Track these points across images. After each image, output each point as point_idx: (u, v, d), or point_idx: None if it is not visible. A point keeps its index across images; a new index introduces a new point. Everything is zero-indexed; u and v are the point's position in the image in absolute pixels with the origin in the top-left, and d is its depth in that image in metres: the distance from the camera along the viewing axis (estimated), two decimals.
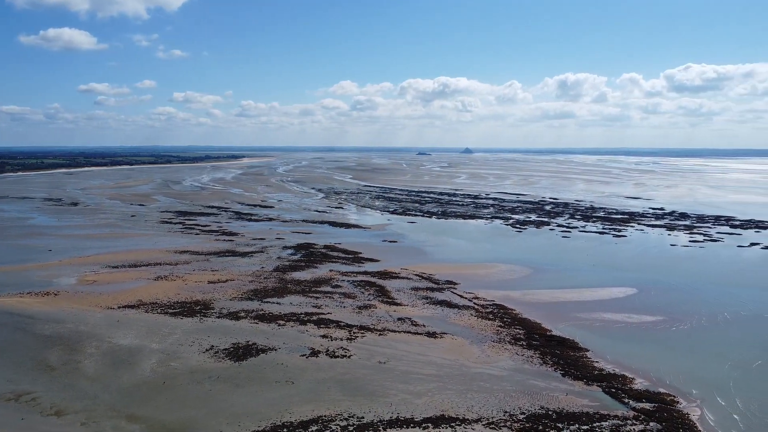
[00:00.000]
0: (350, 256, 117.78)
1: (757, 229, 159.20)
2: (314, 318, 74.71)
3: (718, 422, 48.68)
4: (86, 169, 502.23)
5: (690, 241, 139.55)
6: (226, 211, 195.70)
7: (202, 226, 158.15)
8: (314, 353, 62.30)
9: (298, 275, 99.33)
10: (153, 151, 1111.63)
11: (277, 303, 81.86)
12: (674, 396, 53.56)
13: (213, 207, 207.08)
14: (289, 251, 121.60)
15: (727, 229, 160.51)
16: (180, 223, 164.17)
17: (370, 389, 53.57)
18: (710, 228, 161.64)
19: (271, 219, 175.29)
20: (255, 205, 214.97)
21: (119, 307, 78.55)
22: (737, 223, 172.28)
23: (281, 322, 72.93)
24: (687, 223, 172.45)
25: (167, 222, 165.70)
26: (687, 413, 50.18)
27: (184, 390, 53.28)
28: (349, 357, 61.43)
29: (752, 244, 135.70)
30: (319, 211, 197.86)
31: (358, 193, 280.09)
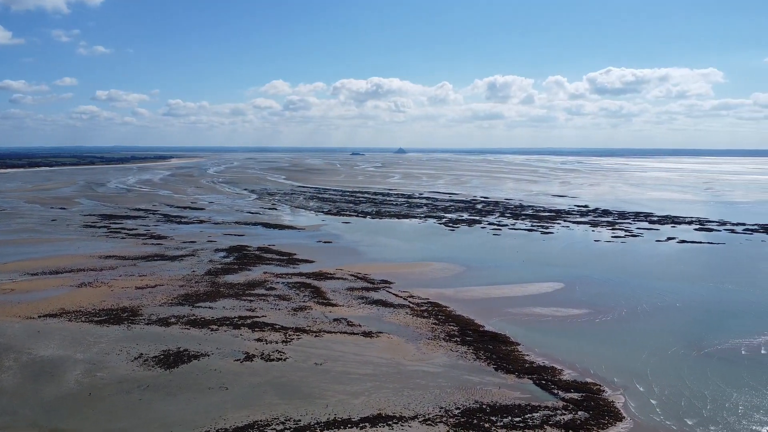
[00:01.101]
0: (285, 257, 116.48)
1: (673, 225, 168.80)
2: (248, 321, 73.41)
3: (638, 408, 51.29)
4: (0, 171, 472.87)
5: (612, 237, 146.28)
6: (154, 213, 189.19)
7: (128, 229, 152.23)
8: (249, 357, 61.24)
9: (230, 278, 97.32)
10: (75, 152, 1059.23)
11: (209, 307, 79.90)
12: (600, 385, 55.99)
13: (140, 210, 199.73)
14: (222, 254, 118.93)
15: (646, 224, 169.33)
16: (105, 227, 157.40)
17: (307, 391, 53.21)
18: (631, 224, 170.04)
19: (202, 221, 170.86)
20: (185, 207, 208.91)
21: (40, 317, 74.48)
22: (655, 219, 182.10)
23: (214, 326, 71.24)
24: (609, 219, 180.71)
25: (91, 226, 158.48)
26: (612, 401, 52.58)
27: (112, 401, 51.16)
28: (284, 360, 60.76)
29: (669, 239, 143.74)
30: (252, 213, 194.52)
31: (291, 193, 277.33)
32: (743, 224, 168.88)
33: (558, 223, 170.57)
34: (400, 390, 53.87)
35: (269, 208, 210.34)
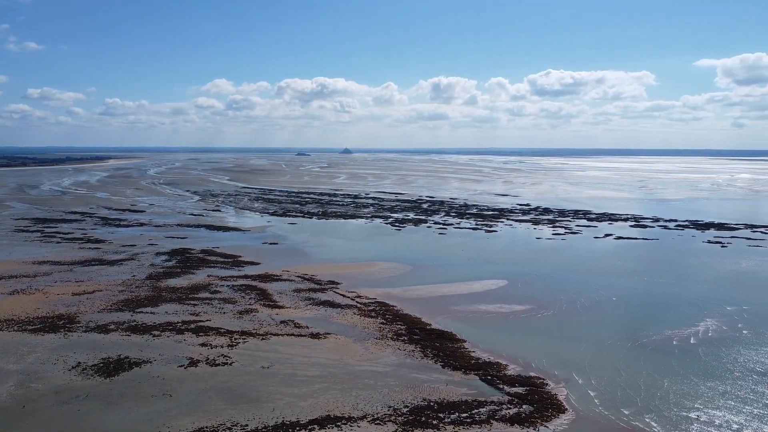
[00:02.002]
0: (229, 259, 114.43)
1: (610, 222, 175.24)
2: (192, 326, 71.76)
3: (578, 400, 53.06)
4: None
5: (553, 234, 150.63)
6: (91, 216, 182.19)
7: (64, 233, 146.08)
8: (193, 363, 59.88)
9: (173, 282, 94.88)
10: (5, 153, 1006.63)
11: (151, 312, 77.65)
12: (543, 378, 57.58)
13: (76, 213, 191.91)
14: (163, 257, 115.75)
15: (584, 222, 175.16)
16: (38, 231, 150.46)
17: (254, 395, 52.50)
18: (570, 221, 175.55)
19: (142, 224, 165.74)
20: (124, 210, 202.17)
21: None
22: (593, 216, 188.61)
23: (156, 332, 69.28)
24: (550, 217, 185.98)
25: (23, 230, 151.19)
26: (555, 394, 54.18)
27: (48, 413, 49.02)
28: (230, 364, 59.73)
29: (606, 235, 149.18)
30: (194, 215, 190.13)
31: (236, 194, 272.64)
32: (675, 220, 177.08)
33: (501, 222, 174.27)
34: (348, 390, 53.87)
35: (213, 210, 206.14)
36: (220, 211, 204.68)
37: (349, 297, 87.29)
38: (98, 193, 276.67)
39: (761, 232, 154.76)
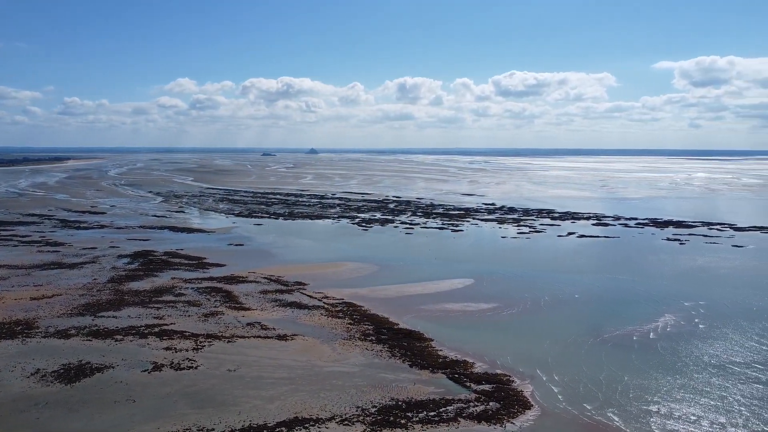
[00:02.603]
0: (194, 261, 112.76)
1: (573, 220, 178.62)
2: (156, 330, 70.51)
3: (543, 396, 54.00)
4: None
5: (518, 233, 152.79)
6: (50, 219, 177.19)
7: (21, 236, 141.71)
8: (157, 367, 58.86)
9: (136, 285, 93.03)
10: None
11: (113, 317, 76.00)
12: (509, 375, 58.38)
13: (34, 215, 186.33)
14: (125, 260, 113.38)
15: (548, 221, 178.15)
16: None
17: (220, 399, 51.90)
18: (534, 220, 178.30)
19: (103, 226, 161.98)
20: (84, 212, 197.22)
21: None
22: (557, 215, 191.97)
23: (119, 336, 67.86)
24: (515, 216, 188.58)
25: None
26: (521, 390, 55.00)
27: (6, 422, 47.53)
28: (195, 368, 58.90)
29: (569, 234, 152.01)
30: (158, 216, 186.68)
31: (200, 195, 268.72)
32: (635, 219, 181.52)
33: (467, 221, 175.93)
34: (316, 392, 53.70)
35: (176, 211, 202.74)
36: (184, 212, 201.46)
37: (316, 298, 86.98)
38: (57, 194, 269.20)
39: (717, 229, 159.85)
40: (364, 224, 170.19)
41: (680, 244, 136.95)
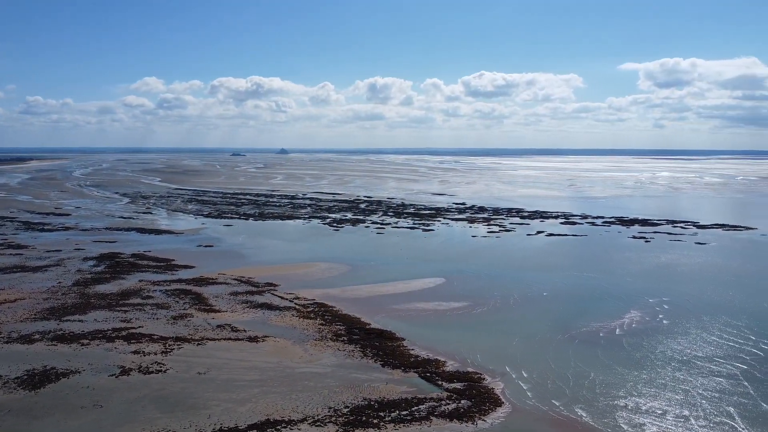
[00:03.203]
0: (162, 263, 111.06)
1: (541, 219, 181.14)
2: (123, 333, 69.29)
3: (512, 393, 54.69)
4: None
5: (488, 232, 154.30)
6: (12, 221, 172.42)
7: None
8: (125, 371, 57.86)
9: (102, 288, 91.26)
10: None
11: (79, 320, 74.42)
12: (480, 373, 58.97)
13: None
14: (91, 262, 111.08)
15: (518, 219, 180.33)
16: None
17: (190, 403, 51.28)
18: (504, 219, 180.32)
19: (68, 228, 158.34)
20: (48, 214, 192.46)
21: None
22: (526, 214, 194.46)
23: (85, 341, 66.49)
24: (485, 215, 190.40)
25: None
26: (492, 388, 55.62)
27: None
28: (164, 371, 58.08)
29: (538, 232, 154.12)
30: (124, 218, 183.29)
31: (168, 196, 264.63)
32: (602, 217, 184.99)
33: (438, 221, 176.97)
34: (288, 393, 53.47)
35: (144, 212, 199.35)
36: (151, 213, 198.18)
37: (287, 299, 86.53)
38: (19, 196, 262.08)
39: (681, 227, 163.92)
40: (335, 224, 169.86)
41: (645, 241, 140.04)
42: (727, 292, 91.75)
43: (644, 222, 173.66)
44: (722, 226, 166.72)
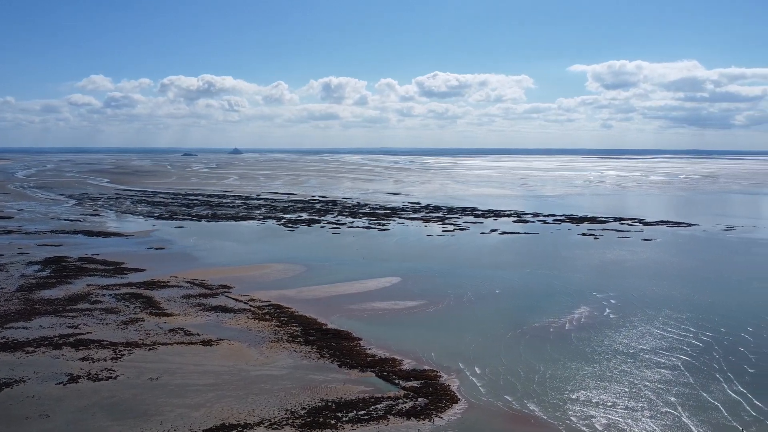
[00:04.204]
0: (111, 267, 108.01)
1: (495, 218, 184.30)
2: (71, 340, 67.14)
3: (467, 389, 55.56)
4: None
5: (443, 231, 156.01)
6: None
7: None
8: (73, 379, 56.11)
9: (48, 293, 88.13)
10: None
11: (23, 327, 71.66)
12: (437, 371, 59.67)
13: None
14: (36, 267, 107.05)
15: (471, 218, 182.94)
16: None
17: (142, 409, 50.14)
18: (458, 218, 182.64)
19: (10, 231, 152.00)
20: None
21: None
22: (479, 213, 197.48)
23: (29, 348, 64.09)
24: (439, 215, 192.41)
25: None
26: (448, 385, 56.38)
27: None
28: (115, 378, 56.60)
29: (491, 231, 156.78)
30: (71, 220, 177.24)
31: (117, 198, 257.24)
32: (553, 215, 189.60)
33: (393, 220, 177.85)
34: (243, 397, 52.91)
35: (91, 215, 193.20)
36: (99, 215, 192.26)
37: (242, 301, 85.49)
38: None
39: (628, 224, 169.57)
40: (290, 225, 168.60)
41: (594, 238, 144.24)
42: (670, 286, 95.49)
43: (593, 220, 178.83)
44: (666, 222, 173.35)
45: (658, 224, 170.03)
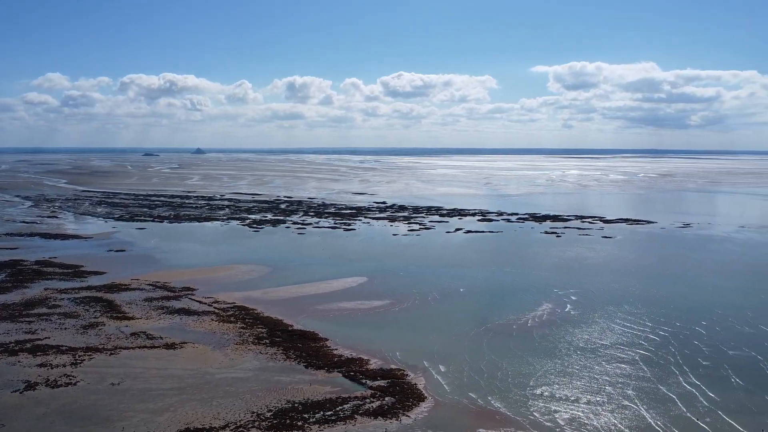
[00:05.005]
0: (70, 270, 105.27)
1: (460, 217, 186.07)
2: (28, 346, 65.26)
3: (433, 387, 56.06)
4: None
5: (408, 230, 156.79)
6: None
7: None
8: (30, 386, 54.57)
9: (3, 298, 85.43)
10: None
11: None
12: (404, 370, 60.01)
13: None
14: None
15: (437, 217, 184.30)
16: None
17: (103, 415, 49.11)
18: (424, 218, 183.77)
19: None
20: None
21: None
22: (445, 212, 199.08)
23: None
24: (405, 214, 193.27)
25: None
26: (415, 383, 56.75)
27: None
28: (74, 384, 55.26)
29: (457, 230, 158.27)
30: (27, 222, 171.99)
31: (75, 199, 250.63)
32: (516, 214, 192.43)
33: (359, 220, 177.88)
34: (208, 400, 52.30)
35: (48, 217, 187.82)
36: (57, 217, 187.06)
37: (206, 303, 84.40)
38: None
39: (589, 222, 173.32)
40: (254, 225, 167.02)
41: (557, 236, 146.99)
42: (629, 282, 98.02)
43: (555, 218, 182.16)
44: (626, 220, 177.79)
45: (618, 222, 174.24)
